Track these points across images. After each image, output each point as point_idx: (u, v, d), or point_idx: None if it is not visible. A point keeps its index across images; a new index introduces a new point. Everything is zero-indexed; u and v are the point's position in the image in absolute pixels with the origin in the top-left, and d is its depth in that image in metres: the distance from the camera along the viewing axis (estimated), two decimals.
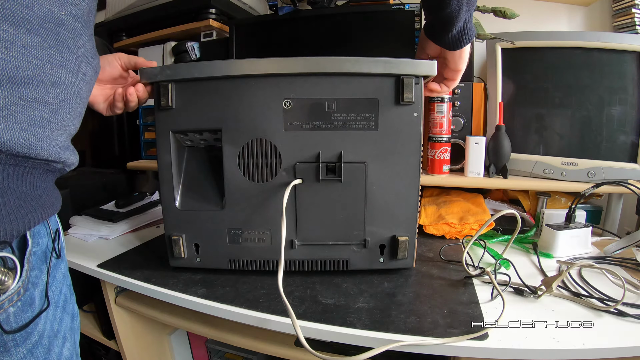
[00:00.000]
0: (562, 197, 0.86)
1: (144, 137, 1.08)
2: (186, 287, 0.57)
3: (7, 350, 0.31)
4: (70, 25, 0.34)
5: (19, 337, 0.32)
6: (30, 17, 0.29)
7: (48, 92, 0.32)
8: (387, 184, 0.57)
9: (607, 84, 0.78)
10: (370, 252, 0.59)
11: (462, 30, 0.51)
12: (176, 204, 0.59)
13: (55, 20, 0.32)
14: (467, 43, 0.53)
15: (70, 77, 0.35)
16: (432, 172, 0.85)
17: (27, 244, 0.33)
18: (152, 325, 0.80)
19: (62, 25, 0.33)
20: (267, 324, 0.50)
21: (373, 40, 0.91)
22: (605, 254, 0.69)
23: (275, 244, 0.59)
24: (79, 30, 0.35)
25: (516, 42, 0.82)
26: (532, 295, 0.54)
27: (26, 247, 0.33)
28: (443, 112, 0.81)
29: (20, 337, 0.32)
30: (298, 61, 0.53)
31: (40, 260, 0.34)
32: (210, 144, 0.62)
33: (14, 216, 0.31)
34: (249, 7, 1.17)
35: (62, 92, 0.34)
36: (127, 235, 0.82)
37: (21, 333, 0.32)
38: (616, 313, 0.49)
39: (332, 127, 0.55)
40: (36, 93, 0.31)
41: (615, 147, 0.79)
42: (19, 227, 0.31)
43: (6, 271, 0.31)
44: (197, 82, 0.55)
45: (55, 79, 0.33)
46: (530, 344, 0.44)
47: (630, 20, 0.88)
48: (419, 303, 0.53)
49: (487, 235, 0.77)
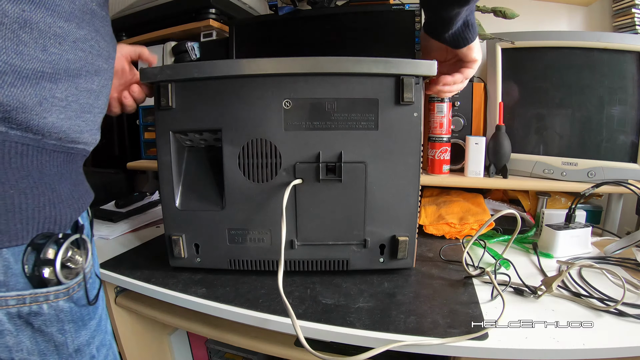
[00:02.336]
0: (562, 197, 0.86)
1: (144, 137, 1.08)
2: (186, 287, 0.57)
3: (84, 325, 0.34)
4: (99, 14, 0.35)
5: (92, 310, 0.35)
6: (74, 10, 0.31)
7: (93, 80, 0.34)
8: (387, 184, 0.57)
9: (607, 84, 0.78)
10: (370, 252, 0.59)
11: (462, 27, 0.49)
12: (176, 204, 0.59)
13: (91, 12, 0.34)
14: (469, 42, 0.51)
15: (105, 63, 0.37)
16: (432, 172, 0.85)
17: (78, 226, 0.36)
18: (152, 325, 0.79)
19: (95, 15, 0.34)
20: (267, 324, 0.50)
21: (373, 40, 0.91)
22: (605, 254, 0.69)
23: (275, 244, 0.59)
24: (105, 17, 0.37)
25: (516, 42, 0.82)
26: (532, 295, 0.54)
27: (81, 227, 0.36)
28: (443, 112, 0.81)
29: (93, 310, 0.35)
30: (298, 61, 0.53)
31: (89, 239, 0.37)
32: (210, 144, 0.62)
33: (72, 201, 0.34)
34: (249, 7, 1.17)
35: (102, 79, 0.36)
36: (127, 235, 0.82)
37: (94, 306, 0.35)
38: (616, 313, 0.49)
39: (332, 127, 0.55)
40: (86, 82, 0.33)
41: (615, 147, 0.79)
42: (76, 211, 0.34)
43: (80, 252, 0.33)
44: (197, 82, 0.55)
45: (96, 67, 0.35)
46: (530, 344, 0.44)
47: (630, 20, 0.88)
48: (419, 303, 0.53)
49: (487, 235, 0.77)
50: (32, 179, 0.30)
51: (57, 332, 0.31)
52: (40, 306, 0.29)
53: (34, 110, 0.28)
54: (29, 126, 0.29)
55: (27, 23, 0.27)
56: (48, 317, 0.30)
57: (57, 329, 0.31)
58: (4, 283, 0.28)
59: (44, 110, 0.29)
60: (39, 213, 0.30)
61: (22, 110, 0.28)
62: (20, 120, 0.28)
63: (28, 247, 0.29)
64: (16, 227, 0.28)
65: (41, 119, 0.29)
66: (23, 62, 0.27)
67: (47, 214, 0.30)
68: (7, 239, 0.28)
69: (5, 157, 0.28)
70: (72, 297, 0.32)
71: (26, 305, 0.29)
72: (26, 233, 0.29)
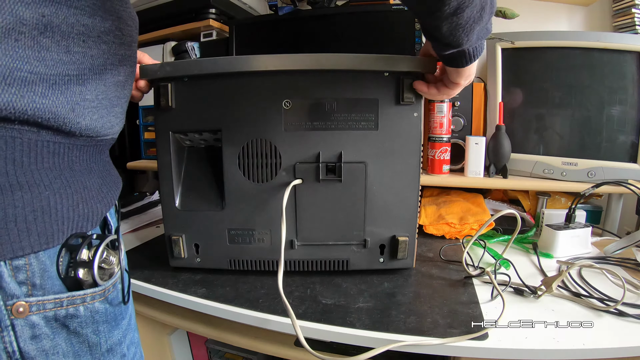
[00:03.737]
0: (562, 197, 0.86)
1: (144, 137, 1.08)
2: (186, 287, 0.57)
3: (117, 324, 0.34)
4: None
5: (124, 309, 0.34)
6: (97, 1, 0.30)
7: (119, 72, 0.33)
8: (387, 184, 0.57)
9: (607, 84, 0.78)
10: (370, 252, 0.59)
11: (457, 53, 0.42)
12: (176, 204, 0.59)
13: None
14: (459, 66, 0.44)
15: (129, 50, 0.35)
16: (432, 172, 0.85)
17: (108, 223, 0.35)
18: (152, 325, 0.79)
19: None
20: (267, 324, 0.50)
21: (373, 40, 0.91)
22: (605, 254, 0.68)
23: (275, 244, 0.59)
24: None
25: (516, 42, 0.82)
26: (532, 295, 0.54)
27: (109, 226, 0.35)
28: (443, 112, 0.81)
29: (125, 309, 0.35)
30: (298, 58, 0.53)
31: None
32: (210, 144, 0.62)
33: (102, 196, 0.33)
34: (249, 7, 1.17)
35: (127, 67, 0.35)
36: (127, 235, 0.82)
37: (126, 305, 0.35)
38: (616, 313, 0.49)
39: (332, 127, 0.55)
40: (112, 76, 0.32)
41: (615, 147, 0.79)
42: (106, 205, 0.33)
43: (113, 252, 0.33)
44: (197, 82, 0.55)
45: (120, 56, 0.33)
46: (530, 344, 0.44)
47: (630, 20, 0.88)
48: (419, 303, 0.53)
49: (487, 235, 0.77)
50: (64, 177, 0.29)
51: (92, 333, 0.31)
52: (76, 308, 0.29)
53: (68, 118, 0.28)
54: (62, 130, 0.28)
55: (47, 28, 0.26)
56: (84, 318, 0.30)
57: (92, 329, 0.31)
58: (41, 286, 0.27)
59: (77, 116, 0.29)
60: (73, 212, 0.29)
61: (55, 119, 0.27)
62: (53, 126, 0.27)
63: (62, 248, 0.29)
64: (52, 228, 0.28)
65: (75, 124, 0.29)
66: (47, 69, 0.26)
67: (80, 212, 0.30)
68: (44, 241, 0.27)
69: (38, 158, 0.27)
70: (107, 297, 0.32)
71: (63, 308, 0.28)
72: (62, 234, 0.28)
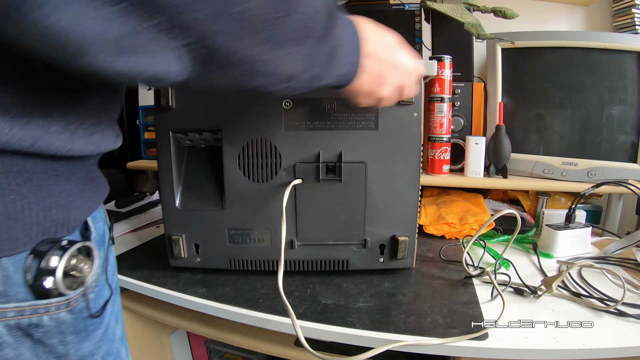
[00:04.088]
0: (562, 197, 0.86)
1: (144, 137, 1.08)
2: (186, 287, 0.57)
3: (87, 335, 0.32)
4: None
5: (96, 321, 0.33)
6: None
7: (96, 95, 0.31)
8: (387, 184, 0.57)
9: (607, 84, 0.78)
10: (370, 252, 0.59)
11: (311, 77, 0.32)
12: (176, 204, 0.59)
13: None
14: None
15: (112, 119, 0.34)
16: (432, 172, 0.85)
17: (89, 229, 0.33)
18: (152, 325, 0.79)
19: None
20: (267, 324, 0.50)
21: None
22: (605, 254, 0.69)
23: (275, 244, 0.59)
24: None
25: (516, 42, 0.82)
26: (532, 295, 0.54)
27: (89, 233, 0.33)
28: (443, 112, 0.81)
29: (98, 321, 0.33)
30: None
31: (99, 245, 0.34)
32: (210, 144, 0.62)
33: (81, 201, 0.31)
34: None
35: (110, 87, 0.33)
36: (127, 235, 0.82)
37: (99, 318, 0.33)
38: (616, 313, 0.49)
39: (332, 127, 0.55)
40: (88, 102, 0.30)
41: (615, 147, 0.79)
42: (86, 211, 0.32)
43: (85, 259, 0.31)
44: None
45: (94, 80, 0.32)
46: (530, 344, 0.44)
47: (630, 20, 0.88)
48: (419, 303, 0.53)
49: (487, 235, 0.77)
50: (35, 181, 0.27)
51: (59, 343, 0.29)
52: (40, 318, 0.28)
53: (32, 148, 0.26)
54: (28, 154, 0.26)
55: None
56: (49, 328, 0.28)
57: (59, 340, 0.29)
58: (4, 294, 0.26)
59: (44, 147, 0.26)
60: (44, 217, 0.28)
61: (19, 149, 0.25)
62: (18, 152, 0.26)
63: (30, 254, 0.27)
64: (18, 234, 0.26)
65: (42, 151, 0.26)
66: None
67: (53, 217, 0.28)
68: (8, 247, 0.26)
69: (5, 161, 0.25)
70: (74, 309, 0.30)
71: (25, 317, 0.27)
72: (29, 239, 0.27)
